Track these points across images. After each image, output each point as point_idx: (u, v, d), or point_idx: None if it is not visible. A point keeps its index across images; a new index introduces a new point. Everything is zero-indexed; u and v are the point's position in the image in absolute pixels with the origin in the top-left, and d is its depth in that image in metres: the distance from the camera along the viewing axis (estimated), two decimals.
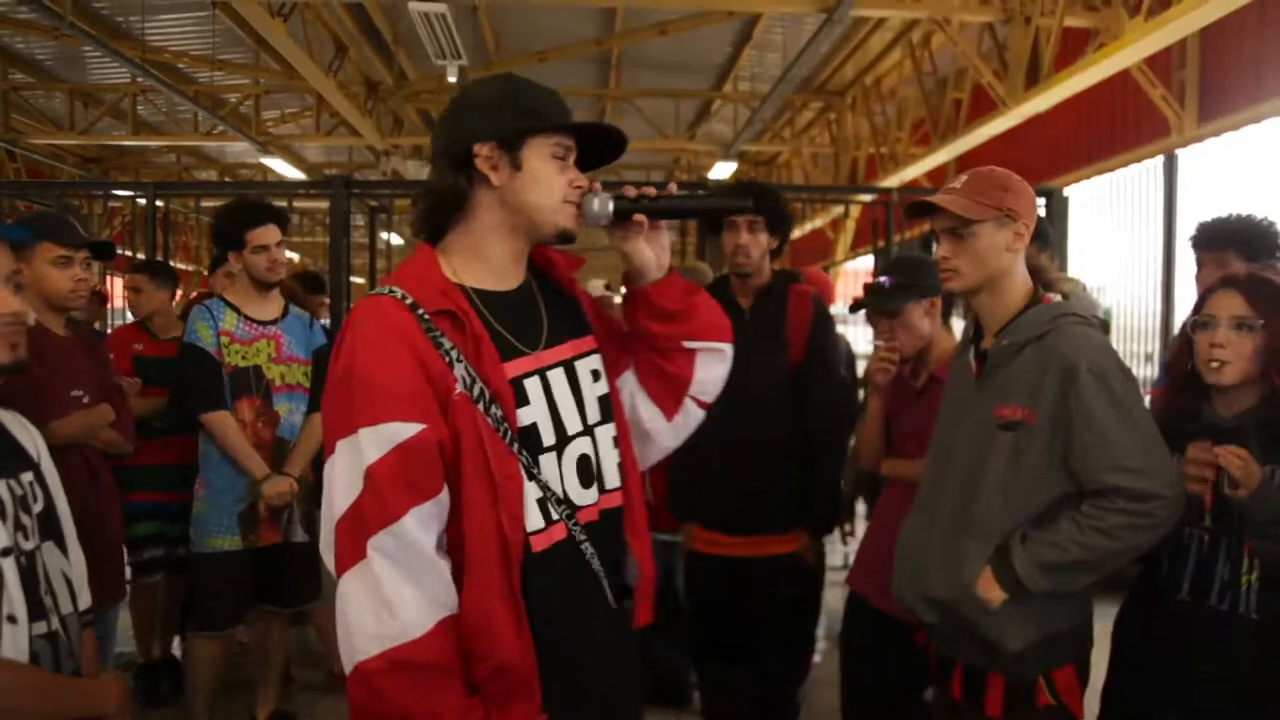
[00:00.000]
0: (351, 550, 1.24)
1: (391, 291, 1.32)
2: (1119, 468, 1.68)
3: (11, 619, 1.36)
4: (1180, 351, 1.94)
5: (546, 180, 1.37)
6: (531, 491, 1.32)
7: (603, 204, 1.42)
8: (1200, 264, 2.74)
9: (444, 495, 1.27)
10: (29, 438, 1.54)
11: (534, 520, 1.32)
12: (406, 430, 1.24)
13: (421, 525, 1.24)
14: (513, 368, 1.35)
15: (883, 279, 2.52)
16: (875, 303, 2.48)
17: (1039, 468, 1.75)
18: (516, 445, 1.31)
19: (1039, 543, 1.73)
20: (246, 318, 3.05)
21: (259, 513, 2.97)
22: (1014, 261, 1.82)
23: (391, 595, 1.22)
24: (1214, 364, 1.80)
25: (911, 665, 2.19)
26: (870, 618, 2.49)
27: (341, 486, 1.25)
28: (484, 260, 1.40)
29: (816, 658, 4.00)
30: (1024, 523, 1.77)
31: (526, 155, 1.36)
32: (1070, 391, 1.70)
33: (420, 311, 1.30)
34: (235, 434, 2.94)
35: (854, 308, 2.65)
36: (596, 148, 1.46)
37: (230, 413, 2.95)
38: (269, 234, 3.03)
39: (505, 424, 1.31)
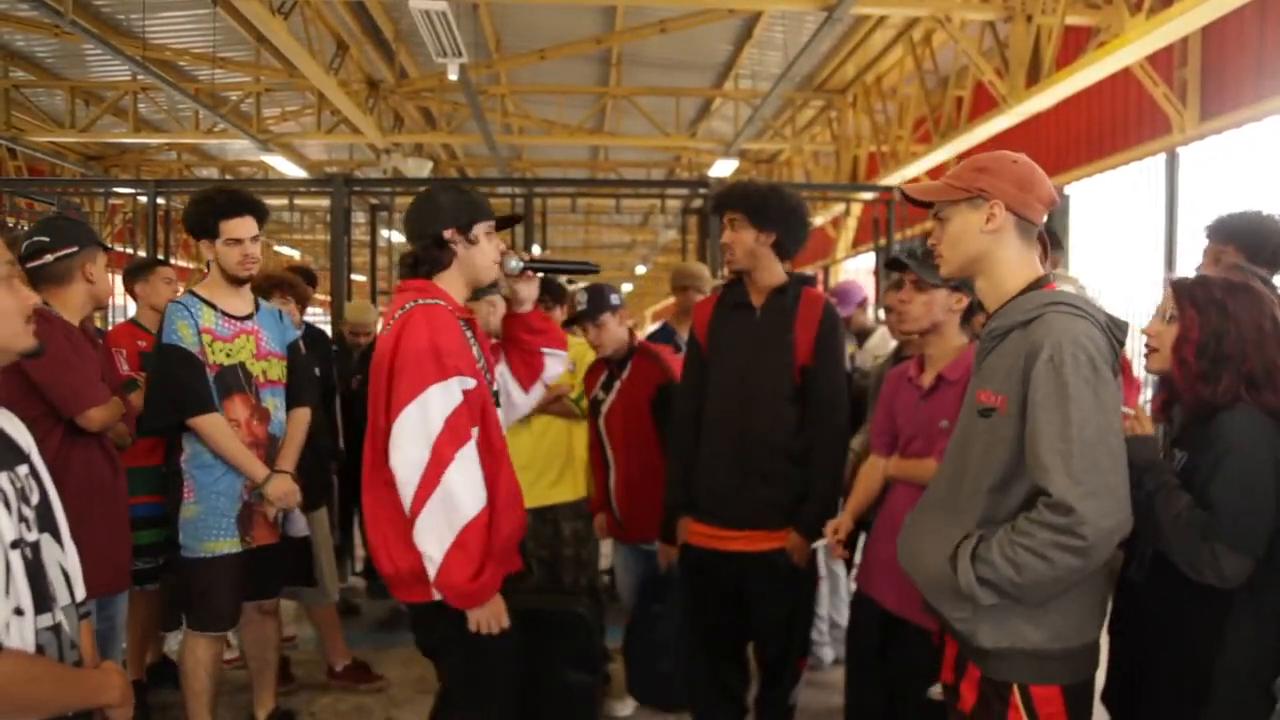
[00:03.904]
0: (452, 450, 2.02)
1: (437, 302, 2.14)
2: (1041, 465, 1.58)
3: (18, 611, 1.37)
4: None
5: (487, 250, 2.24)
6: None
7: (512, 263, 2.32)
8: (1205, 253, 2.74)
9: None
10: (18, 432, 1.55)
11: None
12: (469, 384, 2.09)
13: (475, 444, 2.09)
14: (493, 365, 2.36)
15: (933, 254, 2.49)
16: (916, 267, 2.46)
17: (1009, 459, 1.65)
18: (497, 405, 2.27)
19: (981, 556, 1.63)
20: (224, 313, 2.94)
21: (255, 513, 2.92)
22: (994, 243, 1.73)
23: (478, 476, 2.08)
24: (1147, 348, 1.96)
25: (917, 666, 2.19)
26: (878, 618, 2.49)
27: (438, 413, 2.01)
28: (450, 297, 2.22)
29: (828, 655, 4.02)
30: (1000, 518, 1.67)
31: (475, 234, 2.22)
32: (1029, 378, 1.61)
33: (457, 316, 2.16)
34: (230, 437, 2.86)
35: (890, 265, 2.63)
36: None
37: (221, 414, 2.86)
38: (244, 226, 2.90)
39: (490, 386, 2.25)
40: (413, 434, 2.00)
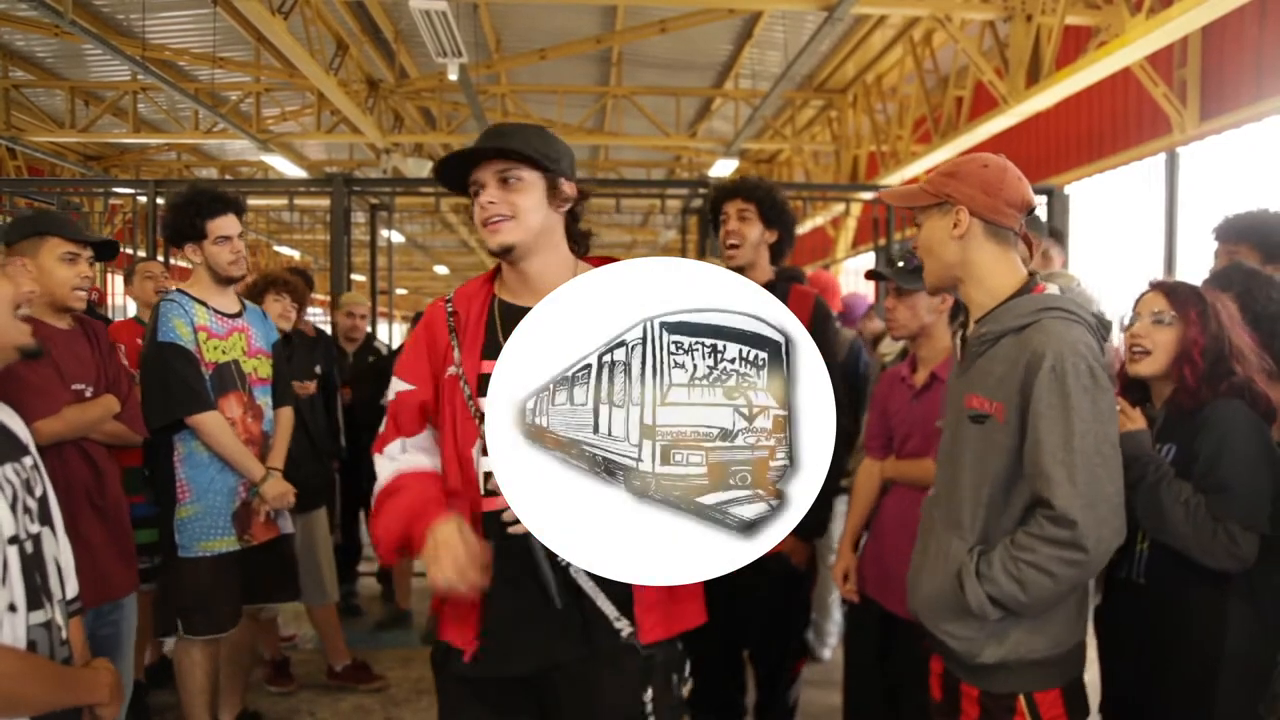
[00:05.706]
0: (380, 445, 1.75)
1: (448, 291, 1.86)
2: (1044, 475, 1.55)
3: (12, 608, 1.37)
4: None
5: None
6: (483, 464, 1.63)
7: None
8: (1216, 255, 2.72)
9: (423, 435, 1.73)
10: (17, 425, 1.55)
11: (482, 485, 1.65)
12: (401, 385, 1.74)
13: (405, 450, 1.73)
14: (488, 365, 1.63)
15: (910, 258, 2.50)
16: (892, 275, 2.47)
17: (1008, 469, 1.63)
18: (478, 419, 1.63)
19: (984, 574, 1.61)
20: (216, 311, 2.94)
21: (252, 511, 2.92)
22: (965, 249, 1.70)
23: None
24: (1135, 352, 2.00)
25: (915, 667, 2.19)
26: (876, 618, 2.49)
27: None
28: (510, 281, 1.74)
29: (828, 656, 4.03)
30: (1002, 528, 1.64)
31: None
32: (1031, 387, 1.58)
33: (450, 308, 1.74)
34: (229, 435, 2.85)
35: (871, 275, 2.64)
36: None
37: (218, 412, 2.85)
38: (230, 223, 2.89)
39: (472, 401, 1.66)
40: None
